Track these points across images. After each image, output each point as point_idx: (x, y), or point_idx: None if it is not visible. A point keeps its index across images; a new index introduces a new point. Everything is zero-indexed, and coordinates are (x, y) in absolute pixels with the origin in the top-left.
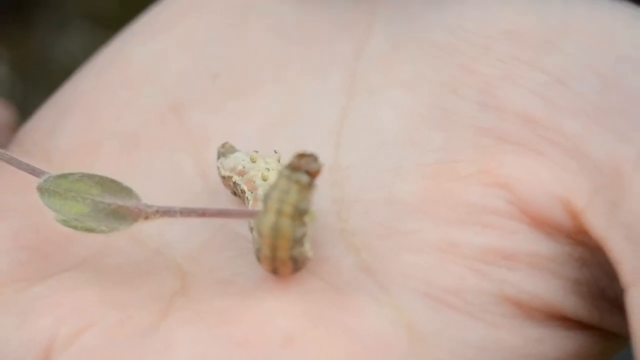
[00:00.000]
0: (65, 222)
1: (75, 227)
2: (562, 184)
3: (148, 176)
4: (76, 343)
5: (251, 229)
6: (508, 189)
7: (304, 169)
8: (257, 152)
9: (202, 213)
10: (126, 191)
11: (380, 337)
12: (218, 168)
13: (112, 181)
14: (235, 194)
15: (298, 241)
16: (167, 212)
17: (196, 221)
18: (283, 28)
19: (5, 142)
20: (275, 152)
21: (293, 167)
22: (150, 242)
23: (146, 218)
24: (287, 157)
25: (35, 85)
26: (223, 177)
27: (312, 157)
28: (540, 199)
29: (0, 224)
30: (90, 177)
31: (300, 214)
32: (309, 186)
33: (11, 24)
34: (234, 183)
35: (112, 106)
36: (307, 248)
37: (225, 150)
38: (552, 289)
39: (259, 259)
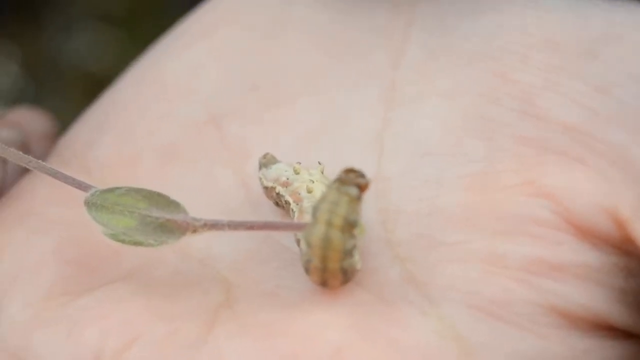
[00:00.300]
0: (114, 236)
1: (123, 241)
2: (606, 194)
3: (187, 188)
4: (123, 356)
5: (298, 241)
6: (552, 199)
7: (352, 182)
8: (300, 163)
9: (250, 226)
10: (173, 205)
11: (427, 350)
12: (260, 179)
13: (159, 195)
14: (277, 204)
15: (348, 253)
16: (214, 226)
17: (241, 233)
18: (320, 38)
19: (45, 152)
20: (319, 163)
21: (342, 181)
22: (196, 254)
23: (194, 231)
24: (329, 168)
25: (44, 84)
26: (265, 188)
27: (360, 172)
28: (585, 208)
29: (44, 238)
30: (137, 191)
31: (349, 225)
32: (358, 199)
33: (21, 24)
34: (277, 194)
35: (150, 118)
36: (357, 259)
37: (266, 161)
38: (598, 298)
39: (307, 270)
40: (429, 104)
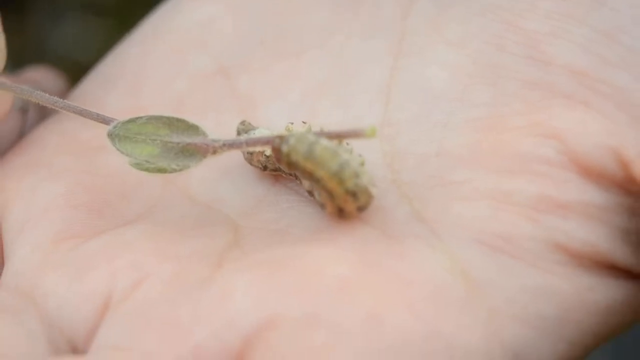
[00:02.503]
0: (138, 165)
1: (147, 170)
2: (611, 135)
3: None
4: (133, 296)
5: (309, 192)
6: (558, 139)
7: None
8: (293, 123)
9: (267, 142)
10: (193, 128)
11: (435, 284)
12: None
13: (179, 120)
14: (265, 168)
15: (345, 171)
16: (233, 145)
17: (249, 178)
18: None
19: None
20: (304, 122)
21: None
22: (203, 199)
23: (214, 152)
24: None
25: None
26: (250, 154)
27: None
28: (590, 149)
29: (54, 184)
30: (158, 118)
31: (312, 145)
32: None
33: (6, 14)
34: (267, 157)
35: (159, 71)
36: (366, 182)
37: (245, 127)
38: (603, 237)
39: (323, 206)
40: (436, 53)
